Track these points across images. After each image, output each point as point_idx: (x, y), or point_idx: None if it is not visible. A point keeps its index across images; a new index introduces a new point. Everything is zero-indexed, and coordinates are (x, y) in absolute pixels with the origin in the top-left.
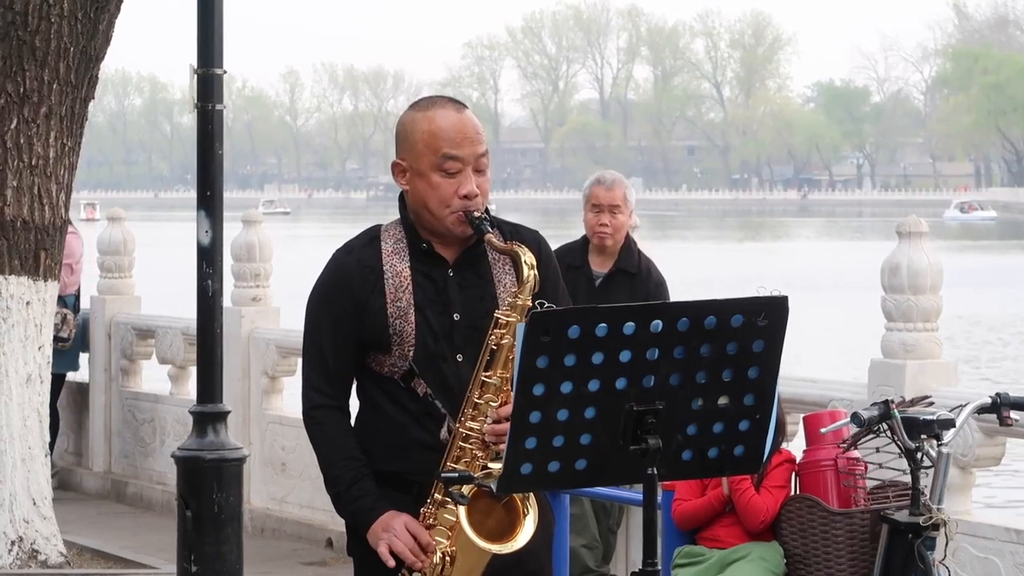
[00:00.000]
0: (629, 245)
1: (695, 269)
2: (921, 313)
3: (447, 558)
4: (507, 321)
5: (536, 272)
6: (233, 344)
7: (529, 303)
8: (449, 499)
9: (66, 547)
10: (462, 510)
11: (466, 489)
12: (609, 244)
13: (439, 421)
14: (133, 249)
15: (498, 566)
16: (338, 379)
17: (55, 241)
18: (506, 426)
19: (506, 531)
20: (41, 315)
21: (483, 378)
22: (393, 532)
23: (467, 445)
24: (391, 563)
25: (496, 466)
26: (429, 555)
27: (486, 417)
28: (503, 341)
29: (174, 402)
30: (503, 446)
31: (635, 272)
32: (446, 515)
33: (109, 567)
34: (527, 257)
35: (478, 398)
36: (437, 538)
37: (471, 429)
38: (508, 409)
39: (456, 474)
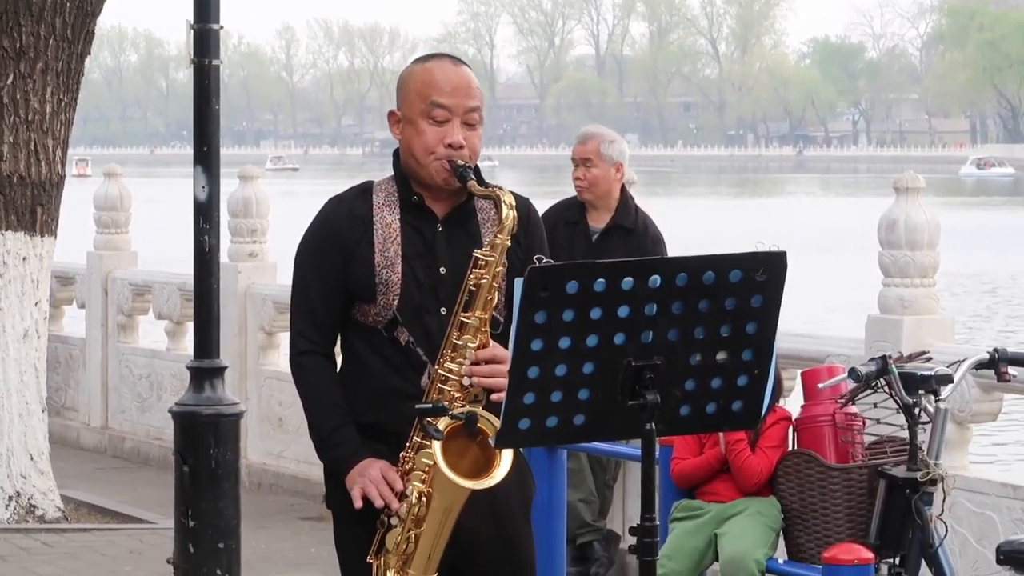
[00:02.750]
0: (626, 200)
1: (691, 226)
2: (918, 269)
3: (423, 498)
4: (486, 261)
5: (515, 212)
6: (230, 300)
7: (508, 243)
8: (425, 437)
9: (63, 502)
10: (437, 446)
11: (442, 424)
12: (587, 197)
13: (420, 369)
14: (129, 205)
15: (475, 531)
16: (325, 326)
17: (51, 197)
18: (486, 368)
19: (482, 468)
20: (38, 271)
21: (462, 319)
22: (368, 477)
23: (445, 387)
24: (359, 504)
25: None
26: (401, 501)
27: (464, 359)
28: (481, 281)
29: (171, 358)
30: (482, 383)
31: (632, 228)
32: (424, 459)
33: (106, 522)
34: (506, 197)
35: (456, 339)
36: (414, 482)
37: (449, 371)
38: (486, 352)
39: (430, 405)
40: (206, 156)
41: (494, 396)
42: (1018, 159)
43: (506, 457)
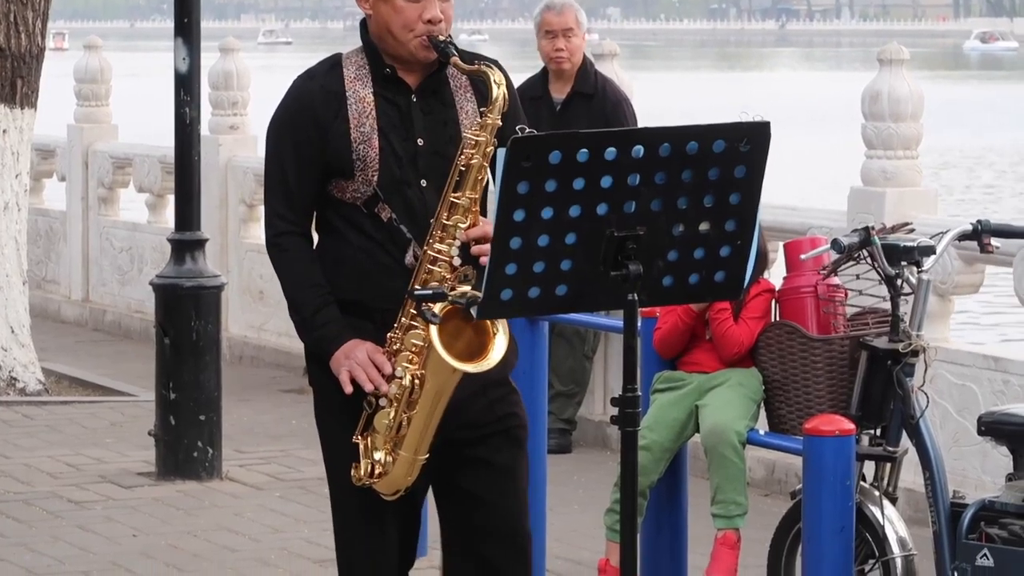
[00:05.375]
0: (586, 67)
1: (674, 99)
2: (901, 141)
3: (416, 380)
4: (476, 141)
5: (505, 91)
6: (211, 172)
7: (499, 122)
8: (417, 322)
9: (44, 375)
10: (433, 330)
11: (438, 308)
12: (567, 68)
13: (404, 246)
14: (110, 78)
15: (464, 393)
16: (301, 206)
17: (32, 69)
18: (487, 246)
19: (476, 351)
20: (18, 143)
21: (452, 199)
22: (355, 360)
23: (435, 268)
24: (349, 389)
25: (464, 288)
26: (390, 383)
27: (454, 240)
28: (472, 161)
29: (152, 231)
30: (486, 260)
31: (592, 93)
32: (413, 340)
33: (87, 394)
34: (496, 76)
35: (447, 219)
36: (403, 363)
37: (439, 251)
38: (476, 231)
39: (429, 291)
40: (187, 28)
41: None
42: (1020, 34)
43: (500, 340)
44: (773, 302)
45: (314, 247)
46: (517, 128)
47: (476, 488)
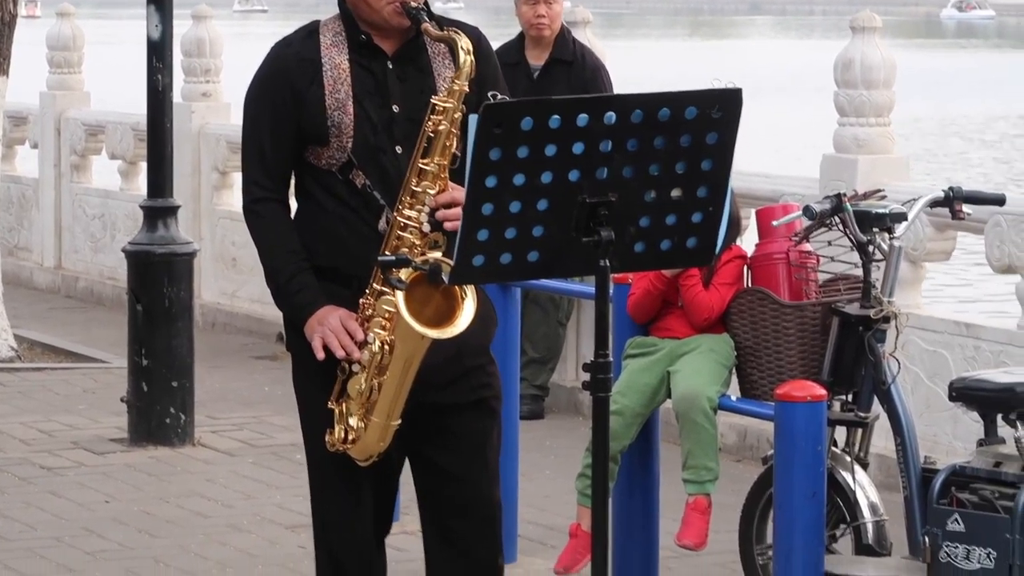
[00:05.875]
0: (564, 34)
1: (647, 67)
2: (874, 108)
3: (386, 346)
4: (444, 107)
5: (472, 58)
6: (183, 140)
7: (466, 88)
8: (387, 287)
9: (17, 342)
10: (400, 296)
11: (404, 274)
12: (547, 35)
13: (377, 213)
14: (82, 45)
15: (439, 361)
16: (277, 172)
17: (3, 36)
18: (456, 211)
19: (445, 317)
20: None
21: (420, 165)
22: (327, 326)
23: (405, 234)
24: (321, 356)
25: (435, 255)
26: (363, 349)
27: (424, 206)
28: (440, 127)
29: (124, 197)
30: (454, 227)
31: (571, 60)
32: (385, 305)
33: (60, 361)
34: (463, 42)
35: (415, 186)
36: (375, 330)
37: (409, 218)
38: (445, 196)
39: (394, 257)
40: None
41: None
42: (996, 2)
43: (468, 306)
44: (745, 268)
45: (291, 214)
46: (489, 94)
47: (447, 461)
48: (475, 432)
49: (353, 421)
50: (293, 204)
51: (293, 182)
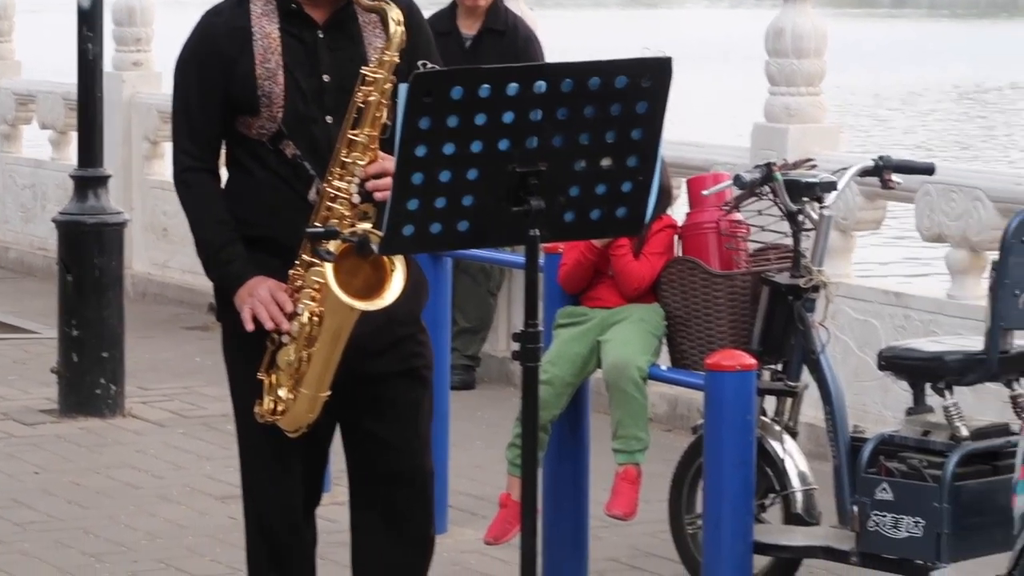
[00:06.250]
0: (496, 4)
1: (578, 37)
2: (804, 77)
3: (315, 318)
4: (374, 78)
5: (403, 28)
6: (114, 109)
7: (396, 59)
8: (316, 258)
9: None
10: (328, 268)
11: (333, 246)
12: (481, 4)
13: (307, 183)
14: (13, 13)
15: (370, 330)
16: (207, 142)
17: None
18: (386, 181)
19: (373, 289)
20: None
21: (350, 136)
22: (257, 297)
23: (335, 205)
24: (250, 327)
25: (364, 226)
26: (292, 320)
27: (353, 176)
28: (370, 99)
29: (55, 167)
30: (384, 196)
31: (503, 30)
32: (314, 276)
33: None
34: (394, 13)
35: (345, 156)
36: (305, 301)
37: (339, 189)
38: (375, 167)
39: (322, 229)
40: None
41: None
42: None
43: (398, 278)
44: (675, 238)
45: (222, 183)
46: (419, 63)
47: (380, 430)
48: (407, 401)
49: (282, 392)
50: (224, 173)
51: (224, 151)
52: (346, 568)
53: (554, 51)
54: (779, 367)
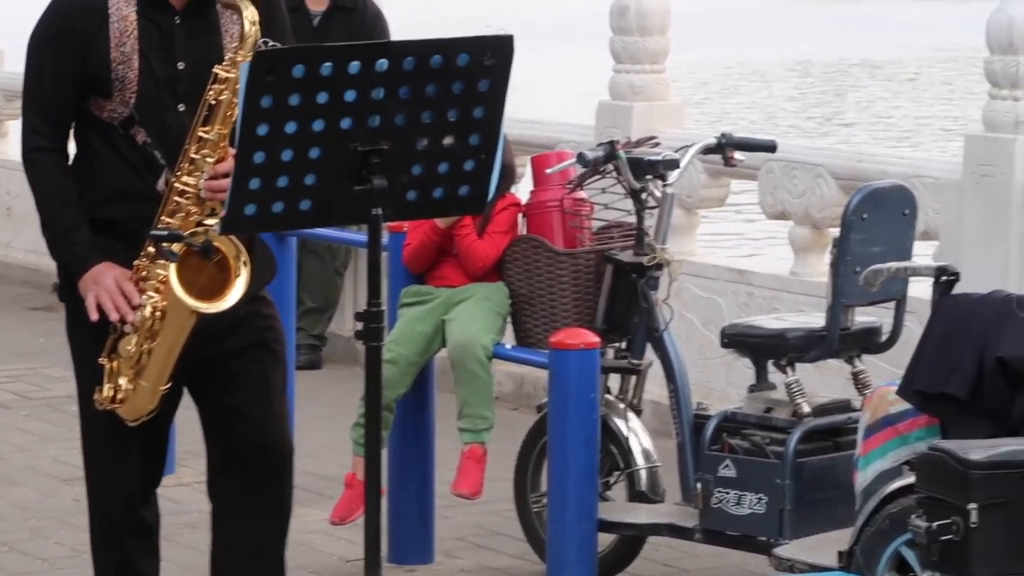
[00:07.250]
0: None
1: (418, 10)
2: (649, 55)
3: (157, 313)
4: (226, 77)
5: (258, 28)
6: None
7: (249, 59)
8: (160, 258)
9: None
10: (172, 267)
11: (176, 247)
12: None
13: (157, 172)
14: None
15: (210, 316)
16: (59, 121)
17: None
18: (223, 182)
19: (216, 290)
20: None
21: (200, 133)
22: (103, 286)
23: (182, 200)
24: (94, 316)
25: (211, 222)
26: (136, 312)
27: (202, 173)
28: (222, 97)
29: None
30: (219, 198)
31: (352, 7)
32: (159, 269)
33: None
34: (248, 13)
35: (195, 153)
36: (149, 293)
37: (187, 184)
38: (225, 166)
39: (166, 232)
40: None
41: None
42: None
43: (241, 281)
44: (520, 216)
45: (70, 163)
46: (260, 41)
47: (236, 402)
48: (257, 371)
49: (123, 381)
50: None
51: (73, 131)
52: (193, 549)
53: (401, 28)
54: (623, 345)
